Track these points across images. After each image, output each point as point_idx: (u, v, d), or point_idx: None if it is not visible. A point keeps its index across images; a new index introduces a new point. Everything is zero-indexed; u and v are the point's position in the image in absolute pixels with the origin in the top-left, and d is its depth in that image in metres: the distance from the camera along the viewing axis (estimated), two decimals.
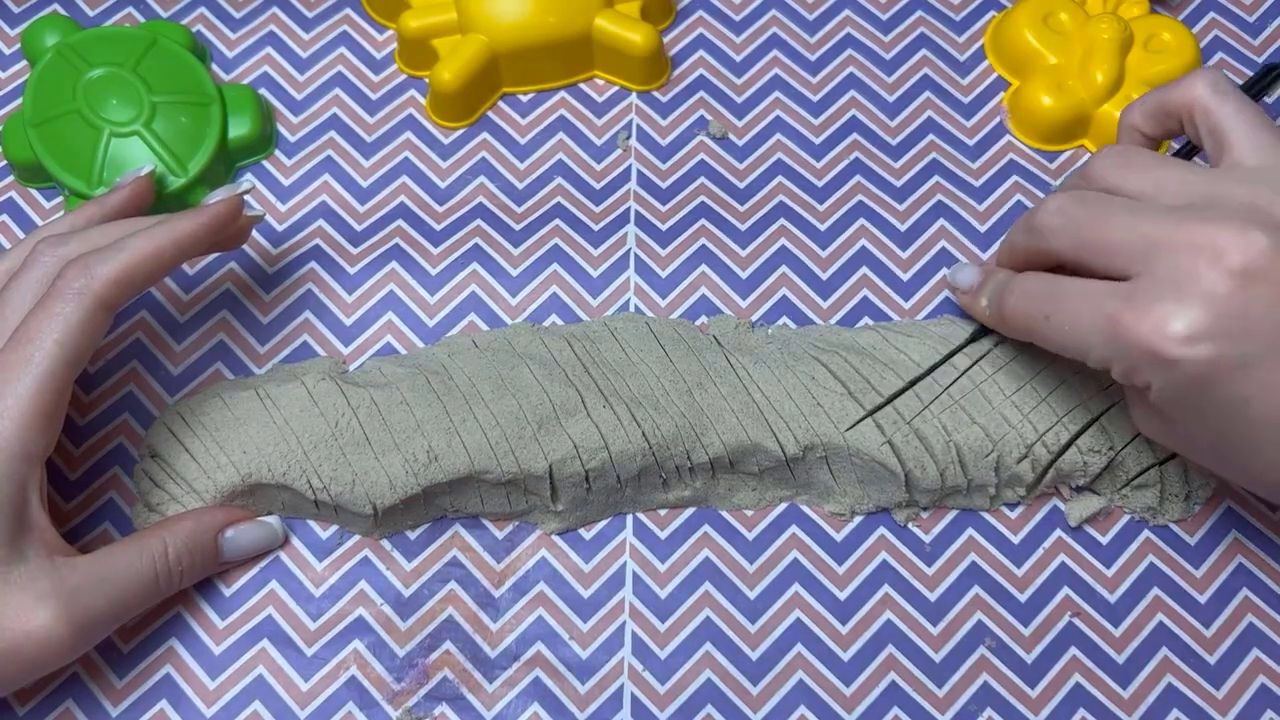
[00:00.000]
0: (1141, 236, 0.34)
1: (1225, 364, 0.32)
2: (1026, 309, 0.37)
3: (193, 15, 0.50)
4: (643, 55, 0.47)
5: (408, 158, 0.47)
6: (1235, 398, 0.33)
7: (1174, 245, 0.33)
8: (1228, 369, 0.32)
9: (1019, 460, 0.40)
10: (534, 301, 0.45)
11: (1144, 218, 0.34)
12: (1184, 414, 0.35)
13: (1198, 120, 0.37)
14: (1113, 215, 0.35)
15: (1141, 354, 0.33)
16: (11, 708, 0.39)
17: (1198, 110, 0.37)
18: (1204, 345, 0.32)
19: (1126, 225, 0.34)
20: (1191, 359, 0.32)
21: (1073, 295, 0.35)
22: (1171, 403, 0.34)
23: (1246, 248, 0.32)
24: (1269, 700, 0.39)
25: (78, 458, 0.42)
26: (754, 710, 0.39)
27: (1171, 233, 0.33)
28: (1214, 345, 0.32)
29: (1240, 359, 0.32)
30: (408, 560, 0.41)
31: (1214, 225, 0.33)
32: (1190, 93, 0.37)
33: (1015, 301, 0.38)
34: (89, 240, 0.38)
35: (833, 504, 0.42)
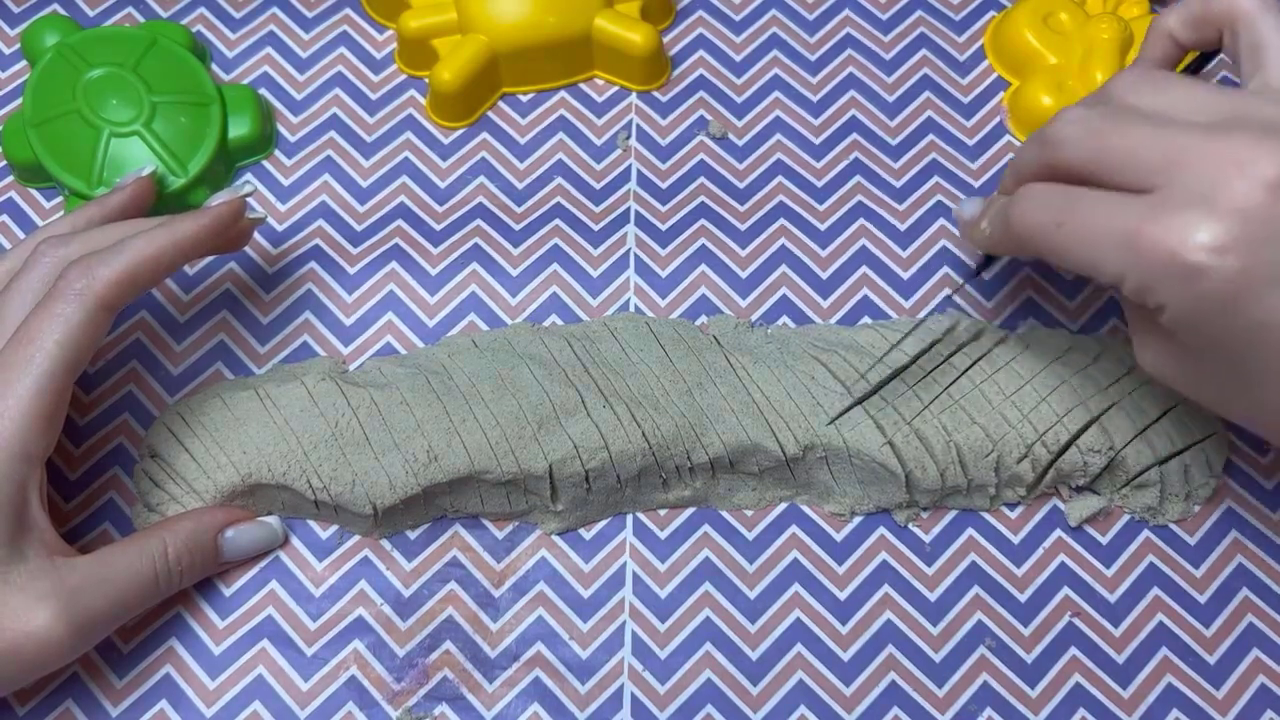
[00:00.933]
0: (1166, 147, 0.32)
1: (1253, 279, 0.30)
2: (1037, 217, 0.35)
3: (193, 15, 0.50)
4: (643, 55, 0.47)
5: (408, 158, 0.47)
6: (1259, 320, 0.31)
7: (1202, 156, 0.31)
8: (1255, 285, 0.30)
9: (1019, 460, 0.40)
10: (534, 301, 0.45)
11: (1169, 129, 0.32)
12: (1198, 337, 0.32)
13: (1240, 31, 0.35)
14: (1134, 126, 0.33)
15: (1163, 265, 0.31)
16: (11, 708, 0.39)
17: (1242, 20, 0.35)
18: (1231, 256, 0.30)
19: (1151, 135, 0.33)
20: (1218, 270, 0.30)
21: (1089, 202, 0.33)
22: (1187, 323, 0.32)
23: (1278, 159, 0.30)
24: (1269, 700, 0.39)
25: (78, 458, 0.42)
26: (754, 710, 0.39)
27: (1199, 144, 0.32)
28: (1242, 257, 0.30)
29: (1270, 275, 0.30)
30: (408, 560, 0.41)
31: (1244, 138, 0.31)
32: (1235, 2, 0.36)
33: (1025, 208, 0.35)
34: (90, 241, 0.38)
35: (833, 504, 0.42)
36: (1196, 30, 0.37)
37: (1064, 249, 0.34)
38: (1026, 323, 0.44)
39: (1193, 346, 0.33)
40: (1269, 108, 0.33)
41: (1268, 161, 0.30)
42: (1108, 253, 0.32)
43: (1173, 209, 0.31)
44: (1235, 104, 0.33)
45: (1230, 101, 0.33)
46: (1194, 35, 0.37)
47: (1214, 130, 0.32)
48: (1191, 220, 0.31)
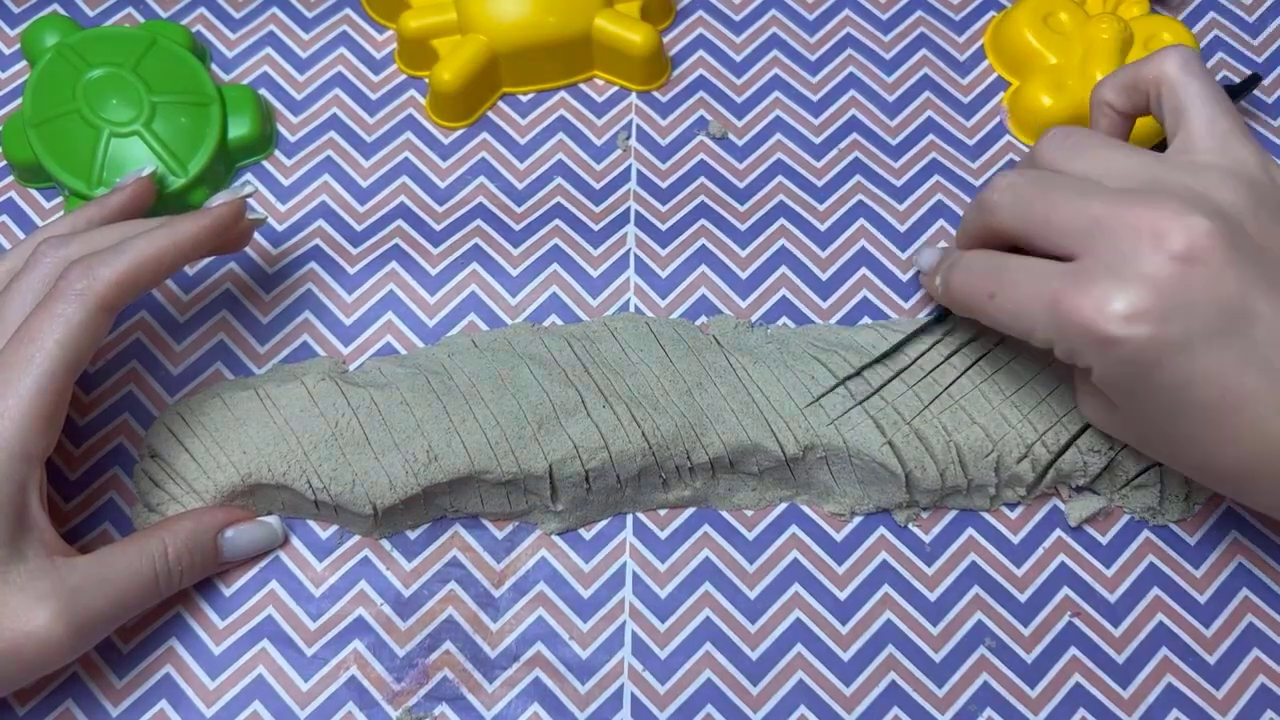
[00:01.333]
0: (1086, 217, 0.34)
1: (1165, 345, 0.32)
2: (972, 286, 0.37)
3: (193, 15, 0.50)
4: (643, 55, 0.47)
5: (408, 158, 0.47)
6: (1176, 381, 0.33)
7: (1117, 226, 0.33)
8: (1168, 350, 0.32)
9: (1019, 460, 0.40)
10: (534, 301, 0.45)
11: (1089, 199, 0.34)
12: (1126, 398, 0.35)
13: (1164, 95, 0.37)
14: (1059, 194, 0.35)
15: (1083, 333, 0.33)
16: (11, 708, 0.39)
17: (1165, 86, 0.37)
18: (1144, 325, 0.32)
19: (1071, 205, 0.35)
20: (1131, 338, 0.32)
21: (1017, 273, 0.36)
22: (1113, 385, 0.34)
23: (1188, 230, 0.32)
24: (1269, 700, 0.39)
25: (78, 458, 0.42)
26: (754, 710, 0.39)
27: (1115, 214, 0.33)
28: (1154, 326, 0.32)
29: (1180, 341, 0.32)
30: (408, 560, 0.41)
31: (1156, 208, 0.33)
32: (1160, 67, 0.37)
33: (961, 278, 0.38)
34: (91, 242, 0.38)
35: (833, 504, 0.42)
36: (1129, 97, 0.39)
37: (997, 318, 0.36)
38: None
39: (1123, 404, 0.35)
40: (1184, 174, 0.35)
41: (1178, 235, 0.32)
42: (1035, 320, 0.35)
43: (1089, 279, 0.33)
44: (1153, 171, 0.35)
45: (1149, 169, 0.35)
46: (1127, 102, 0.39)
47: (1132, 200, 0.34)
48: (1106, 292, 0.33)
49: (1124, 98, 0.39)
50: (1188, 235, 0.32)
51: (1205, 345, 0.32)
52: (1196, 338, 0.32)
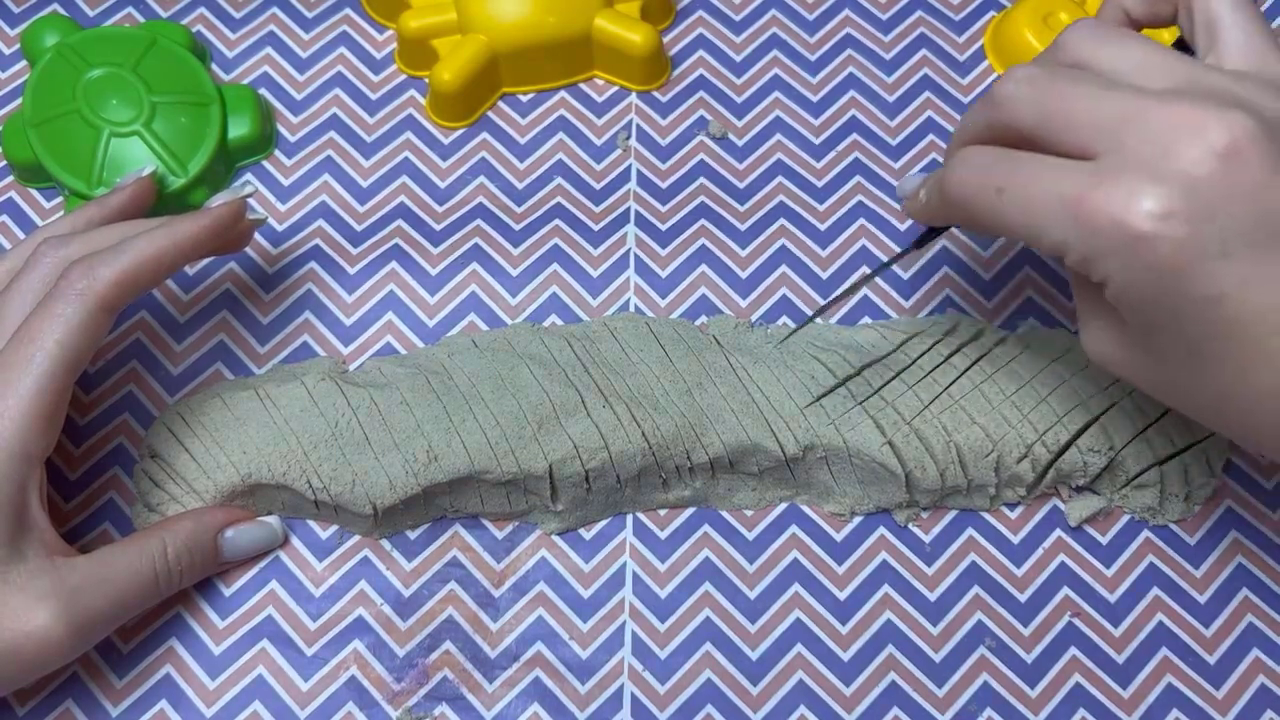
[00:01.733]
0: (1115, 110, 0.31)
1: (1201, 249, 0.29)
2: (976, 181, 0.33)
3: (193, 15, 0.50)
4: (643, 55, 0.47)
5: (408, 158, 0.47)
6: (1208, 293, 0.29)
7: (1151, 121, 0.30)
8: (1203, 256, 0.29)
9: (1019, 460, 0.40)
10: (534, 301, 0.45)
11: (1119, 91, 0.31)
12: (1147, 315, 0.31)
13: (1195, 7, 0.34)
14: (1084, 87, 0.32)
15: (1107, 233, 0.30)
16: (11, 708, 0.39)
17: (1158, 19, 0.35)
18: (1179, 224, 0.29)
19: (1100, 98, 0.31)
20: (1164, 238, 0.29)
21: (1030, 165, 0.32)
22: (1135, 298, 0.31)
23: (1231, 126, 0.29)
24: (1269, 700, 0.39)
25: (78, 458, 0.42)
26: (754, 710, 0.39)
27: (1149, 108, 0.30)
28: (1190, 226, 0.29)
29: (1218, 246, 0.29)
30: (408, 560, 0.41)
31: (1196, 105, 0.30)
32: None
33: (963, 173, 0.33)
34: (91, 242, 0.38)
35: (833, 504, 0.42)
36: (1150, 5, 0.36)
37: (1003, 216, 0.32)
38: (1026, 323, 0.44)
39: (1139, 327, 0.32)
40: (1222, 79, 0.31)
41: (1218, 129, 0.29)
42: (1049, 220, 0.31)
43: (1119, 175, 0.30)
44: (1189, 71, 0.32)
45: (1184, 68, 0.32)
46: (1147, 10, 0.36)
47: (1165, 96, 0.30)
48: (1137, 186, 0.29)
49: (1144, 5, 0.36)
50: (1231, 131, 0.29)
51: (1244, 255, 0.29)
52: (1236, 245, 0.29)
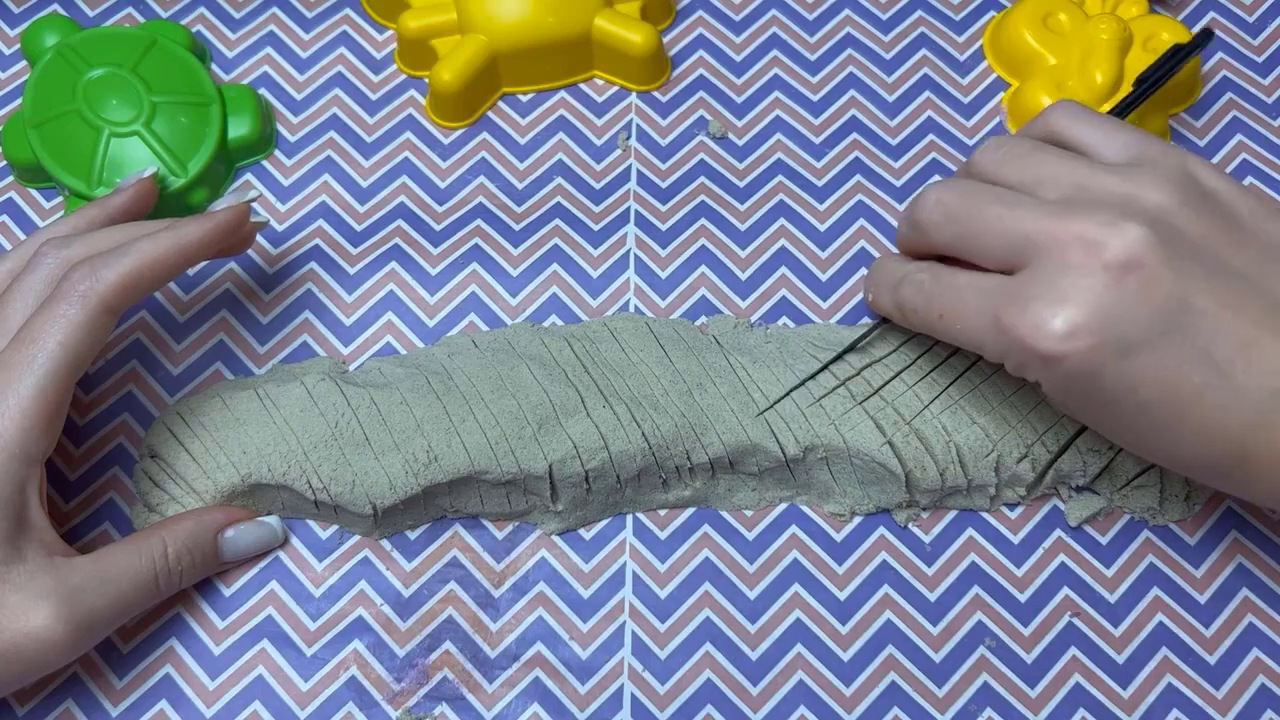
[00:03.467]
0: (1017, 232, 0.34)
1: (1106, 355, 0.33)
2: (924, 306, 0.37)
3: (193, 15, 0.50)
4: (643, 55, 0.47)
5: (408, 158, 0.47)
6: (1122, 387, 0.33)
7: (1051, 240, 0.33)
8: (1109, 359, 0.33)
9: (1019, 460, 0.40)
10: (534, 301, 0.45)
11: (1021, 211, 0.34)
12: (1081, 405, 0.35)
13: (1064, 139, 0.37)
14: (989, 209, 0.35)
15: (1024, 352, 0.33)
16: (11, 708, 0.39)
17: (1056, 133, 0.38)
18: (1082, 339, 0.32)
19: (1003, 219, 0.35)
20: (1071, 354, 0.33)
21: (963, 291, 0.36)
22: (1064, 395, 0.35)
23: (1120, 238, 0.32)
24: (1269, 700, 0.39)
25: (78, 458, 0.42)
26: (754, 710, 0.39)
27: (1046, 227, 0.34)
28: (1092, 337, 0.32)
29: (1121, 348, 0.32)
30: (408, 560, 0.41)
31: (1088, 219, 0.33)
32: (1046, 121, 0.38)
33: (910, 297, 0.38)
34: (94, 243, 0.38)
35: (833, 504, 0.42)
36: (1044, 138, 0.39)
37: (951, 337, 0.36)
38: None
39: (1075, 412, 0.36)
40: (1112, 179, 0.35)
41: (1111, 244, 0.32)
42: (983, 339, 0.35)
43: (1026, 297, 0.33)
44: (1085, 176, 0.35)
45: (1078, 174, 0.35)
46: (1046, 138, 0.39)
47: (1061, 211, 0.34)
48: (1043, 309, 0.33)
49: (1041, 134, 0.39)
50: (1120, 244, 0.32)
51: (1147, 350, 0.32)
52: (1137, 344, 0.32)
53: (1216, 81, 0.49)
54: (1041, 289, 0.33)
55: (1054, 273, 0.33)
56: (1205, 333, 0.32)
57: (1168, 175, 0.34)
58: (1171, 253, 0.33)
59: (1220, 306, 0.32)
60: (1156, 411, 0.33)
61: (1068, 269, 0.33)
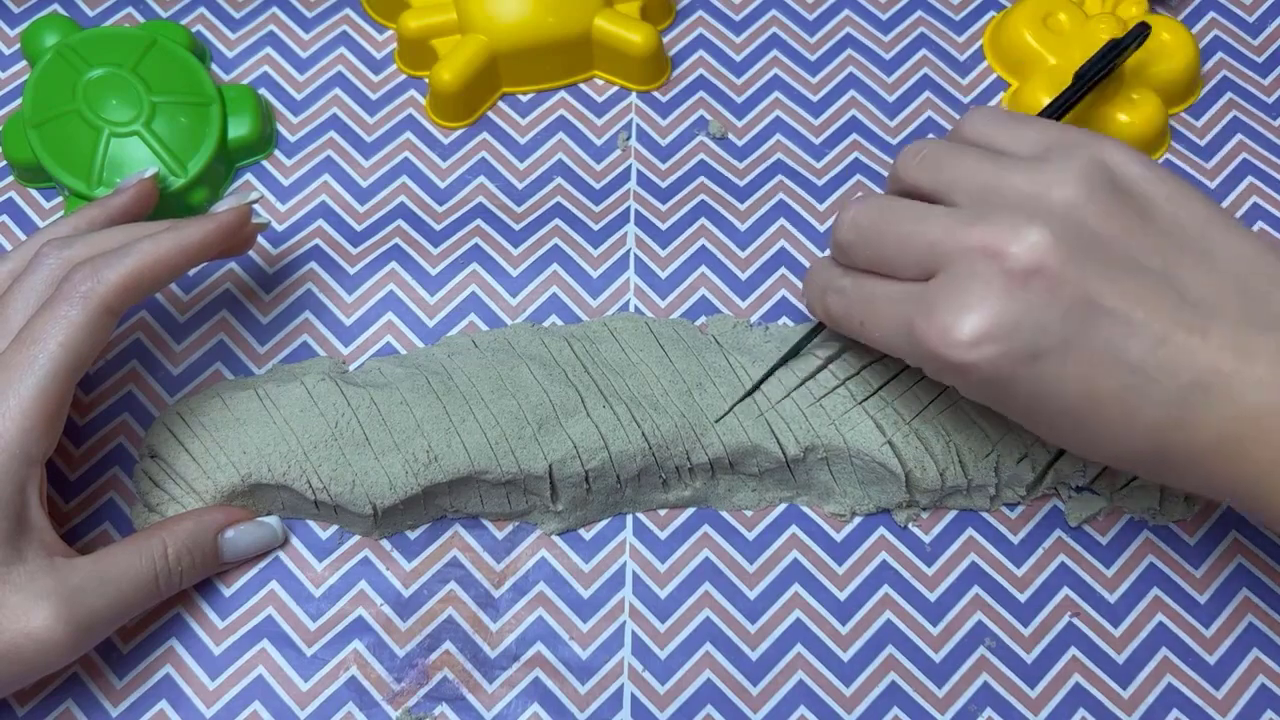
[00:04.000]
0: (924, 243, 0.34)
1: (1015, 361, 0.32)
2: (846, 314, 0.38)
3: (193, 15, 0.50)
4: (642, 55, 0.47)
5: (408, 158, 0.47)
6: (1034, 391, 0.33)
7: (954, 250, 0.33)
8: (1019, 365, 0.32)
9: (1019, 460, 0.40)
10: (534, 301, 0.45)
11: (928, 224, 0.34)
12: (1001, 407, 0.35)
13: (980, 145, 0.37)
14: (899, 225, 0.35)
15: (935, 360, 0.34)
16: (11, 708, 0.39)
17: (970, 139, 0.37)
18: (989, 346, 0.32)
19: (911, 234, 0.35)
20: (979, 362, 0.33)
21: (880, 301, 0.36)
22: (982, 399, 0.35)
23: (1022, 244, 0.32)
24: (1269, 700, 0.39)
25: (78, 458, 0.42)
26: (754, 710, 0.39)
27: (953, 237, 0.33)
28: (999, 345, 0.32)
29: (1029, 354, 0.32)
30: (408, 560, 0.41)
31: (991, 226, 0.33)
32: (960, 129, 0.38)
33: (835, 306, 0.38)
34: (95, 244, 0.38)
35: (833, 505, 0.42)
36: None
37: (872, 342, 0.37)
38: None
39: (1002, 412, 0.36)
40: (1021, 178, 0.34)
41: (1013, 251, 0.32)
42: (900, 348, 0.35)
43: (934, 306, 0.33)
44: (991, 179, 0.35)
45: (987, 176, 0.35)
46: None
47: (965, 220, 0.34)
48: (950, 318, 0.33)
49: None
50: (1021, 249, 0.32)
51: (1056, 354, 0.32)
52: (1046, 349, 0.32)
53: (1216, 81, 0.49)
54: (948, 298, 0.33)
55: (961, 281, 0.33)
56: (1116, 333, 0.32)
57: (1076, 169, 0.34)
58: (1076, 253, 0.32)
59: (1130, 304, 0.32)
60: (1072, 413, 0.33)
61: (973, 277, 0.33)
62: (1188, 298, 0.32)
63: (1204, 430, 0.32)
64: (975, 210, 0.34)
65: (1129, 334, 0.32)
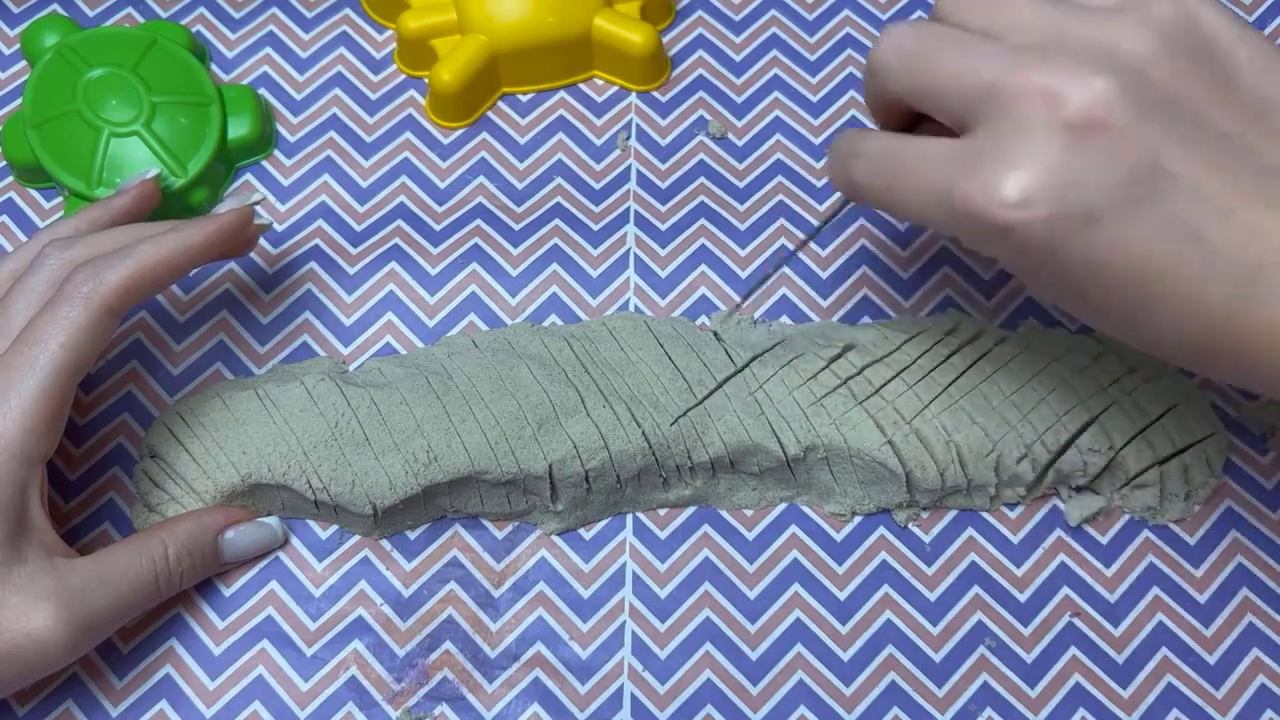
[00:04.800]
0: (976, 82, 0.31)
1: (1067, 224, 0.29)
2: (871, 179, 0.34)
3: (192, 15, 0.50)
4: (642, 55, 0.47)
5: (407, 158, 0.47)
6: (1087, 259, 0.30)
7: (1009, 91, 0.30)
8: (1072, 229, 0.29)
9: (1019, 460, 0.40)
10: (534, 301, 0.45)
11: (981, 58, 0.31)
12: (1047, 282, 0.32)
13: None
14: (948, 54, 0.31)
15: (976, 225, 0.30)
16: (11, 708, 0.39)
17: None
18: (1040, 207, 0.29)
19: (961, 66, 0.31)
20: (1026, 223, 0.29)
21: (912, 160, 0.32)
22: (1020, 271, 0.32)
23: (1084, 93, 0.29)
24: (1269, 700, 0.39)
25: (78, 458, 0.42)
26: (754, 710, 0.39)
27: (1007, 76, 0.30)
28: (1050, 206, 0.29)
29: (1084, 217, 0.29)
30: (408, 560, 0.41)
31: (1052, 69, 0.30)
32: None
33: (860, 170, 0.34)
34: (96, 245, 0.38)
35: (833, 504, 0.42)
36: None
37: (899, 210, 0.33)
38: (1026, 322, 0.44)
39: (1045, 289, 0.32)
40: (1090, 26, 0.31)
41: (1073, 99, 0.29)
42: (933, 214, 0.32)
43: (979, 161, 0.30)
44: (1060, 22, 0.31)
45: (1053, 20, 0.31)
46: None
47: (1024, 59, 0.30)
48: (995, 175, 0.29)
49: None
50: (1084, 98, 0.29)
51: (1114, 218, 0.29)
52: (1103, 211, 0.29)
53: None
54: (995, 150, 0.30)
55: (1011, 131, 0.30)
56: (1180, 200, 0.29)
57: (1156, 20, 0.31)
58: (1143, 109, 0.29)
59: (1198, 170, 0.29)
60: (1127, 287, 0.30)
61: (1026, 127, 0.29)
62: (1261, 169, 0.30)
63: (1266, 311, 0.29)
64: (1036, 52, 0.30)
65: (1195, 203, 0.29)
